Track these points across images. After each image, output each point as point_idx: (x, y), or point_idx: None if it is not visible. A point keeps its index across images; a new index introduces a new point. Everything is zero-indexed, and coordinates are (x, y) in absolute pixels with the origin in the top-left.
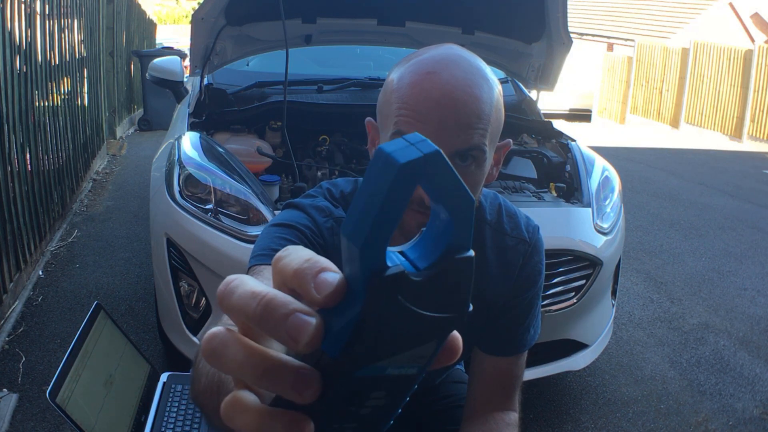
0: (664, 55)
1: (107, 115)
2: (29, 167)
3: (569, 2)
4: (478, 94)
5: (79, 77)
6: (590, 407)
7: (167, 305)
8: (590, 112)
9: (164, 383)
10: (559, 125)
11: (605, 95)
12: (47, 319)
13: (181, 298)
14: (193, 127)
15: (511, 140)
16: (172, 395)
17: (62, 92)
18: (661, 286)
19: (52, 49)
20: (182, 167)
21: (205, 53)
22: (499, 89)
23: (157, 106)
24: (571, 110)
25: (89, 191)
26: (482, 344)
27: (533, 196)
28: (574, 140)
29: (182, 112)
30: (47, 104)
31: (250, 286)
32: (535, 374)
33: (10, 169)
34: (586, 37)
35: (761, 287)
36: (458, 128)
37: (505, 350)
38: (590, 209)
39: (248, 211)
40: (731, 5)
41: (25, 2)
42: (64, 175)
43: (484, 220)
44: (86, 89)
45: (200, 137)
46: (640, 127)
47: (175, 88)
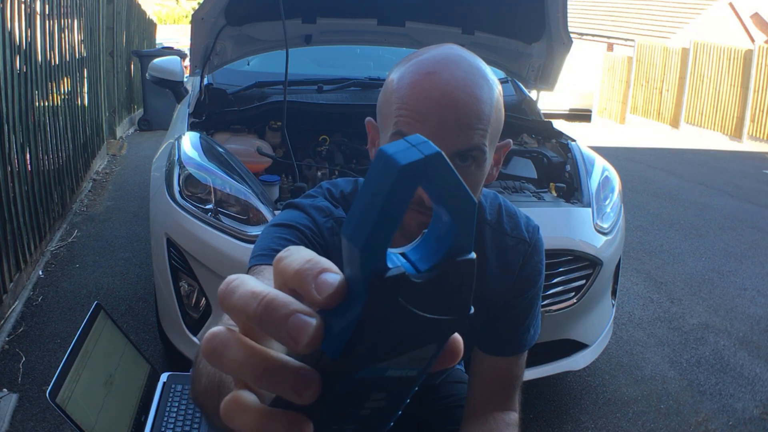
0: (664, 55)
1: (107, 115)
2: (29, 167)
3: (569, 2)
4: (478, 94)
5: (79, 77)
6: (590, 407)
7: (167, 305)
8: (590, 112)
9: (164, 383)
10: (559, 125)
11: (605, 95)
12: (47, 319)
13: (181, 298)
14: (193, 127)
15: (511, 140)
16: (172, 395)
17: (62, 92)
18: (661, 286)
19: (52, 49)
20: (182, 167)
21: (205, 53)
22: (499, 89)
23: (157, 106)
24: (571, 110)
25: (89, 191)
26: (482, 344)
27: (533, 196)
28: (574, 140)
29: (182, 112)
30: (47, 104)
31: (250, 286)
32: (535, 374)
33: (10, 169)
34: (586, 37)
35: (761, 287)
36: (458, 128)
37: (505, 350)
38: (590, 209)
39: (248, 211)
40: (731, 5)
41: (25, 2)
42: (64, 175)
43: (484, 220)
44: (86, 89)
45: (200, 137)
46: (640, 127)
47: (175, 88)
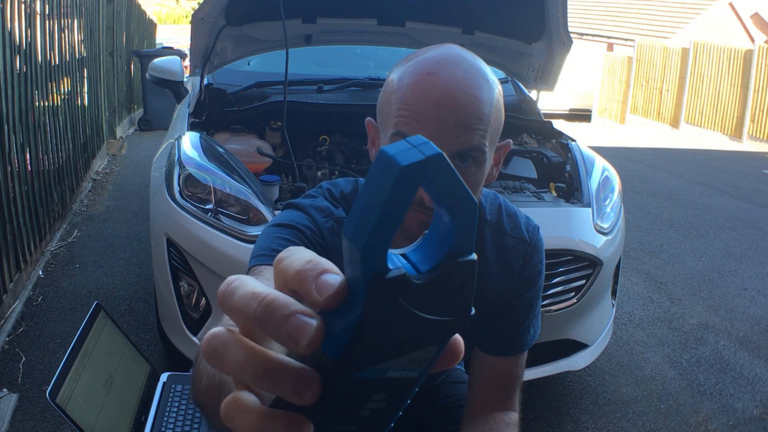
0: (664, 55)
1: (107, 115)
2: (29, 167)
3: (569, 2)
4: (478, 94)
5: (79, 77)
6: (590, 407)
7: (167, 305)
8: (590, 112)
9: (164, 383)
10: (559, 125)
11: (605, 95)
12: (47, 319)
13: (181, 298)
14: (193, 127)
15: (511, 140)
16: (172, 395)
17: (62, 92)
18: (661, 286)
19: (52, 49)
20: (182, 167)
21: (205, 53)
22: (499, 89)
23: (157, 106)
24: (571, 110)
25: (89, 191)
26: (482, 344)
27: (533, 196)
28: (574, 140)
29: (182, 112)
30: (47, 104)
31: (251, 286)
32: (535, 374)
33: (10, 169)
34: (586, 37)
35: (761, 287)
36: (458, 129)
37: (505, 350)
38: (590, 209)
39: (248, 211)
40: (731, 5)
41: (25, 2)
42: (64, 175)
43: (484, 220)
44: (86, 89)
45: (200, 137)
46: (640, 127)
47: (175, 88)
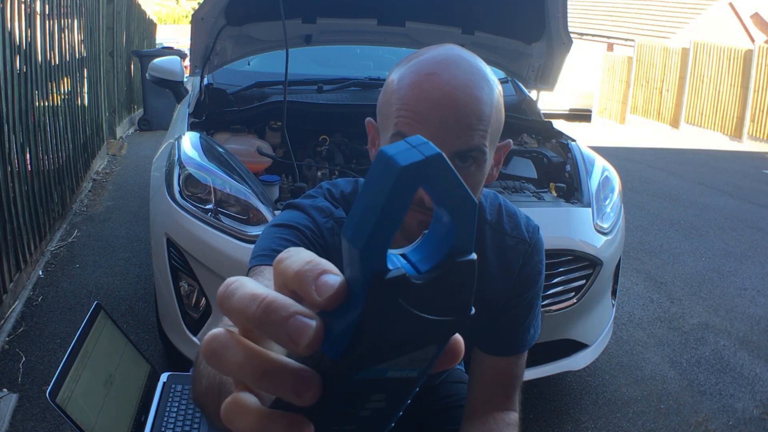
0: (664, 55)
1: (107, 115)
2: (29, 167)
3: (569, 2)
4: (478, 95)
5: (79, 77)
6: (590, 407)
7: (167, 305)
8: (590, 112)
9: (164, 383)
10: (559, 125)
11: (605, 95)
12: (47, 319)
13: (181, 298)
14: (193, 127)
15: (511, 140)
16: (172, 395)
17: (62, 92)
18: (661, 286)
19: (52, 49)
20: (182, 167)
21: (205, 53)
22: (499, 90)
23: (157, 106)
24: (571, 110)
25: (89, 191)
26: (482, 344)
27: (533, 196)
28: (574, 140)
29: (182, 112)
30: (47, 104)
31: (250, 288)
32: (535, 374)
33: (10, 169)
34: (586, 37)
35: (761, 287)
36: (458, 129)
37: (505, 350)
38: (590, 209)
39: (248, 211)
40: (731, 5)
41: (25, 2)
42: (64, 175)
43: (484, 220)
44: (86, 89)
45: (200, 137)
46: (640, 127)
47: (175, 88)
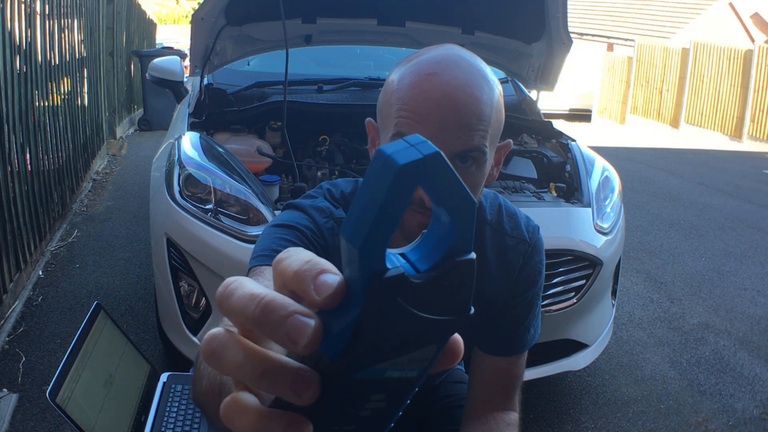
0: (664, 55)
1: (107, 115)
2: (29, 167)
3: (569, 2)
4: (478, 95)
5: (79, 77)
6: (590, 407)
7: (167, 305)
8: (590, 112)
9: (164, 383)
10: (559, 125)
11: (605, 95)
12: (47, 319)
13: (181, 298)
14: (193, 127)
15: (511, 140)
16: (172, 395)
17: (62, 92)
18: (661, 286)
19: (52, 49)
20: (182, 167)
21: (205, 53)
22: (499, 90)
23: (157, 106)
24: (571, 110)
25: (89, 191)
26: (482, 344)
27: (533, 196)
28: (574, 140)
29: (182, 112)
30: (47, 104)
31: (248, 288)
32: (535, 374)
33: (10, 169)
34: (586, 37)
35: (761, 287)
36: (458, 129)
37: (505, 350)
38: (590, 209)
39: (248, 211)
40: (731, 5)
41: (25, 2)
42: (64, 175)
43: (484, 220)
44: (86, 89)
45: (200, 137)
46: (640, 127)
47: (175, 88)
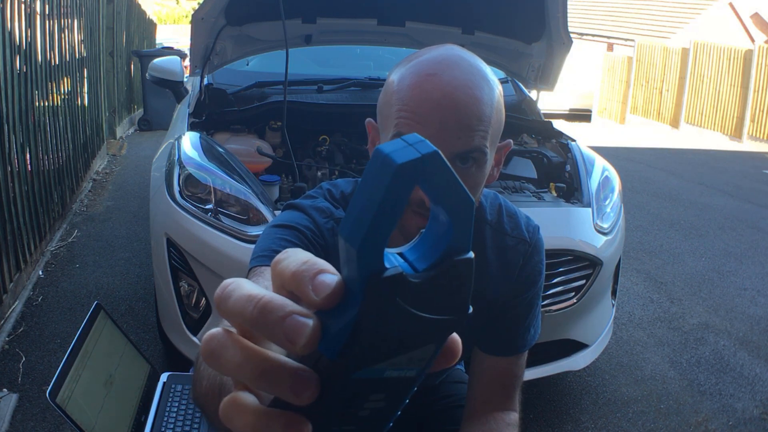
0: (664, 55)
1: (107, 115)
2: (29, 167)
3: (569, 2)
4: (478, 95)
5: (79, 77)
6: (590, 407)
7: (167, 305)
8: (590, 112)
9: (164, 383)
10: (559, 125)
11: (605, 95)
12: (47, 319)
13: (181, 298)
14: (193, 127)
15: (511, 141)
16: (172, 395)
17: (62, 92)
18: (661, 286)
19: (52, 49)
20: (182, 167)
21: (205, 53)
22: (499, 90)
23: (157, 106)
24: (571, 110)
25: (89, 191)
26: (482, 344)
27: (533, 196)
28: (574, 140)
29: (182, 112)
30: (47, 104)
31: (246, 289)
32: (535, 374)
33: (10, 169)
34: (586, 37)
35: (761, 287)
36: (459, 130)
37: (505, 350)
38: (590, 209)
39: (248, 211)
40: (731, 5)
41: (25, 2)
42: (64, 175)
43: (484, 220)
44: (86, 89)
45: (200, 137)
46: (640, 127)
47: (175, 88)
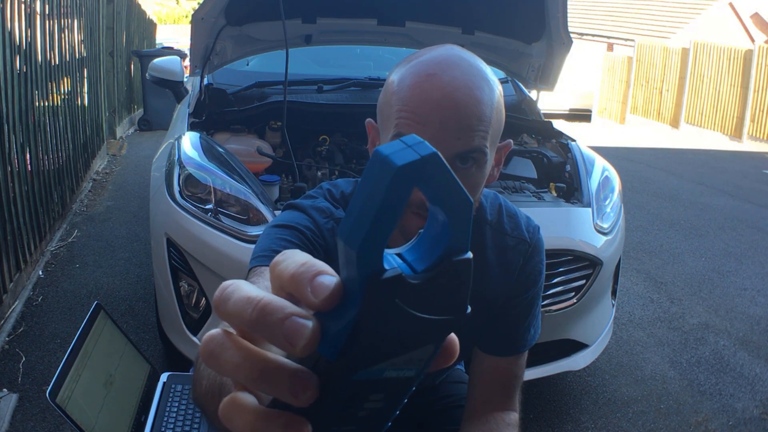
0: (664, 55)
1: (107, 115)
2: (29, 167)
3: (569, 2)
4: (478, 96)
5: (79, 77)
6: (590, 407)
7: (167, 305)
8: (590, 112)
9: (164, 383)
10: (559, 125)
11: (605, 95)
12: (47, 319)
13: (181, 298)
14: (193, 127)
15: (511, 141)
16: (172, 395)
17: (62, 92)
18: (661, 286)
19: (52, 49)
20: (182, 167)
21: (205, 53)
22: (499, 90)
23: (157, 106)
24: (571, 110)
25: (89, 191)
26: (482, 344)
27: (533, 196)
28: (574, 140)
29: (182, 112)
30: (47, 104)
31: (245, 291)
32: (535, 374)
33: (10, 169)
34: (586, 37)
35: (761, 287)
36: (459, 130)
37: (505, 350)
38: (590, 209)
39: (248, 211)
40: (731, 5)
41: (25, 2)
42: (64, 175)
43: (484, 220)
44: (86, 89)
45: (200, 137)
46: (640, 127)
47: (175, 88)
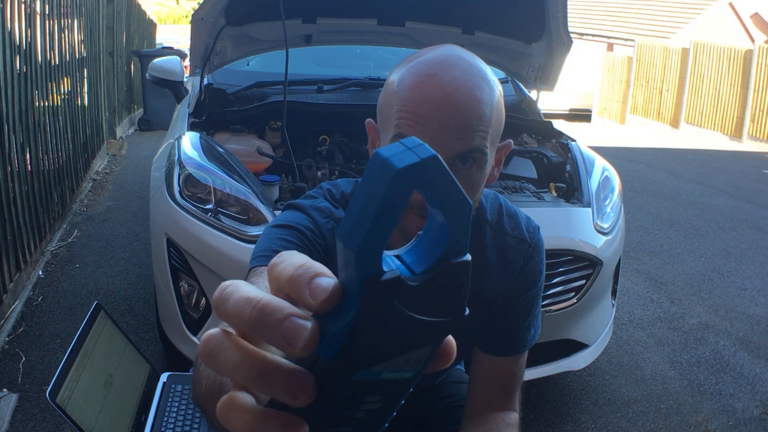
0: (664, 55)
1: (107, 115)
2: (29, 167)
3: (569, 2)
4: (478, 96)
5: (79, 77)
6: (590, 407)
7: (167, 305)
8: (590, 112)
9: (164, 383)
10: (559, 125)
11: (605, 95)
12: (47, 319)
13: (181, 298)
14: (193, 127)
15: (511, 141)
16: (172, 395)
17: (62, 92)
18: (661, 286)
19: (52, 49)
20: (182, 167)
21: (205, 53)
22: (499, 90)
23: (157, 106)
24: (571, 110)
25: (89, 191)
26: (482, 344)
27: (533, 196)
28: (574, 140)
29: (182, 112)
30: (47, 104)
31: (244, 292)
32: (535, 374)
33: (10, 169)
34: (586, 37)
35: (761, 287)
36: (459, 131)
37: (505, 350)
38: (590, 209)
39: (248, 211)
40: (731, 5)
41: (25, 2)
42: (64, 175)
43: (484, 220)
44: (86, 89)
45: (200, 137)
46: (640, 127)
47: (175, 88)
